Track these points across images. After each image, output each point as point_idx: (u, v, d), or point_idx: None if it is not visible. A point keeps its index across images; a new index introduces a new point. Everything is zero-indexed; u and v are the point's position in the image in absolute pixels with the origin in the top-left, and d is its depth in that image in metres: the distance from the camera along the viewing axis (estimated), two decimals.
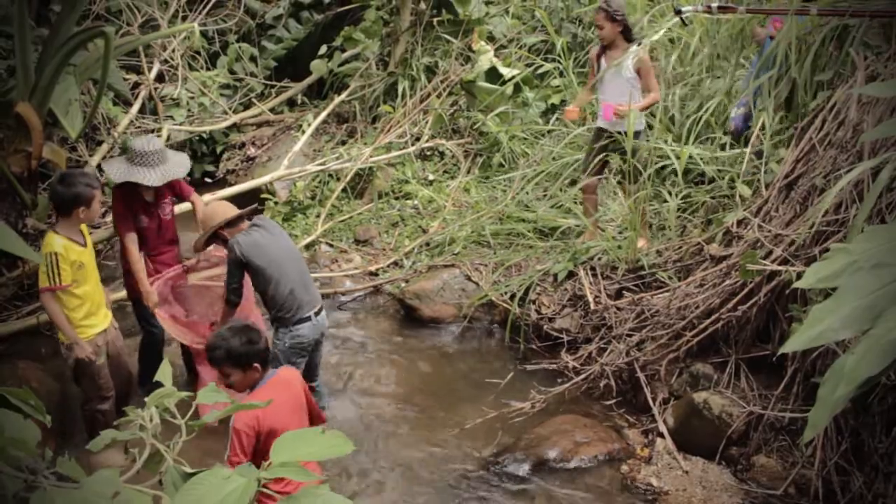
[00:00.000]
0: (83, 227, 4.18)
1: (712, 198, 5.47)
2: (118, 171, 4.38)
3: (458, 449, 4.66)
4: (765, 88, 5.19)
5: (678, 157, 5.33)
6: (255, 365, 3.31)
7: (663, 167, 5.64)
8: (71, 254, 4.05)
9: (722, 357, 4.64)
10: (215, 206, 4.54)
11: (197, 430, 1.86)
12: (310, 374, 4.64)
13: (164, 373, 2.18)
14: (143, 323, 4.76)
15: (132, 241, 4.48)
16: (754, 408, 4.37)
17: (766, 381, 4.50)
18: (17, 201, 4.88)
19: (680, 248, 5.33)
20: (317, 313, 4.47)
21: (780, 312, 4.31)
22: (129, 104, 7.51)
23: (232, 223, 4.39)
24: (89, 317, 4.23)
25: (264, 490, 1.52)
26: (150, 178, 4.37)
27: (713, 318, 4.52)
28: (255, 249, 4.30)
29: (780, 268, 4.07)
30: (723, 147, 5.52)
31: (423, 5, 7.85)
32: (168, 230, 4.79)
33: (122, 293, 5.15)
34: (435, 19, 7.91)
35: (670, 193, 5.43)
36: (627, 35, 5.43)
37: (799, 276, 4.01)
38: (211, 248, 4.65)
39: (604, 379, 4.98)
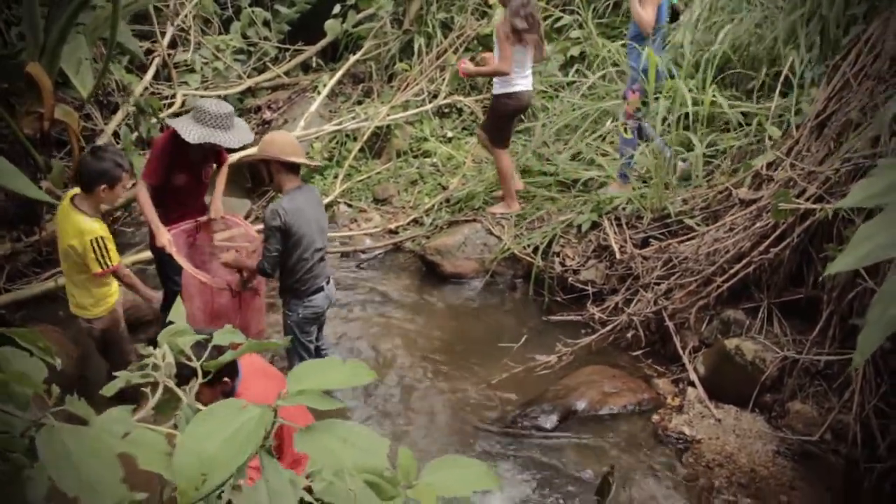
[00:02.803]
0: None
1: (739, 147, 5.30)
2: (195, 132, 4.17)
3: (484, 402, 4.58)
4: (797, 28, 5.00)
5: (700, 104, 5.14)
6: (225, 380, 3.02)
7: (685, 115, 5.46)
8: (108, 230, 3.94)
9: (754, 302, 4.52)
10: (278, 135, 4.22)
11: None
12: (316, 336, 4.59)
13: (178, 312, 2.10)
14: (167, 282, 4.68)
15: (145, 188, 4.35)
16: (788, 353, 4.24)
17: (800, 325, 4.37)
18: (30, 164, 4.83)
19: (707, 195, 5.18)
20: (328, 282, 4.40)
21: (815, 253, 4.16)
22: (143, 69, 7.43)
23: (286, 166, 4.14)
24: (111, 285, 4.16)
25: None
26: (229, 140, 4.24)
27: (744, 262, 4.38)
28: (298, 217, 4.09)
29: (814, 206, 3.92)
30: (749, 93, 5.32)
31: None
32: (202, 193, 4.70)
33: (145, 254, 5.10)
34: None
35: (696, 141, 5.24)
36: None
37: (835, 213, 3.87)
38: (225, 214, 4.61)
39: (631, 329, 4.88)
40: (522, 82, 5.67)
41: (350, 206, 6.87)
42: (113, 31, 4.39)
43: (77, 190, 3.93)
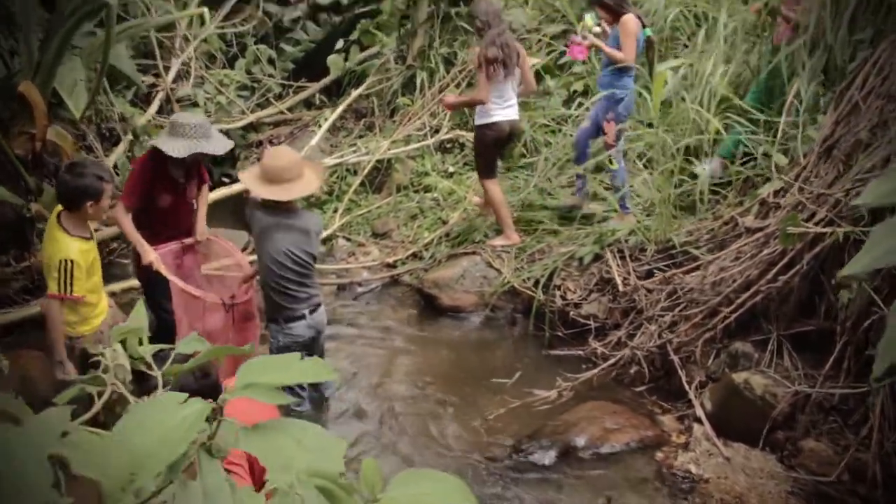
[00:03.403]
0: None
1: (745, 179, 5.16)
2: (179, 146, 4.07)
3: (480, 437, 4.35)
4: (798, 57, 4.91)
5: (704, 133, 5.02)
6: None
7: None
8: (87, 257, 3.76)
9: (762, 334, 4.31)
10: (288, 157, 4.10)
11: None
12: None
13: (139, 314, 1.94)
14: (156, 310, 4.49)
15: (123, 209, 4.21)
16: (800, 387, 4.01)
17: (813, 358, 4.15)
18: (21, 185, 4.72)
19: (713, 227, 5.02)
20: (311, 311, 4.25)
21: (826, 281, 3.97)
22: (147, 102, 7.41)
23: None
24: (97, 305, 3.99)
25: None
26: (213, 147, 4.17)
27: (751, 291, 4.19)
28: (264, 234, 4.08)
29: (824, 230, 3.74)
30: (753, 123, 5.20)
31: None
32: (189, 214, 4.55)
33: (133, 281, 4.96)
34: (453, 10, 7.72)
35: (700, 171, 5.10)
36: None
37: (846, 237, 3.69)
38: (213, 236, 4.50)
39: (634, 364, 4.68)
40: (502, 112, 5.63)
41: (349, 239, 6.75)
42: (105, 52, 4.34)
43: (61, 208, 3.80)
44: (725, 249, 4.48)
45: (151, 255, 4.17)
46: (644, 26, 5.46)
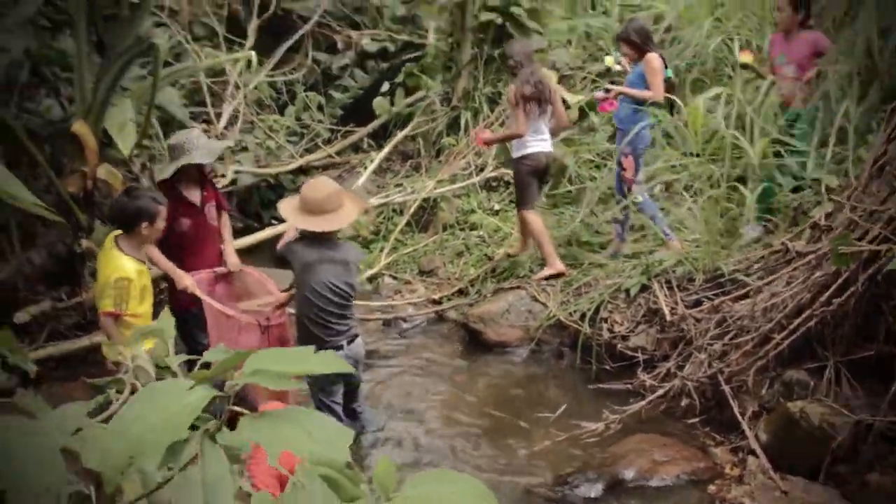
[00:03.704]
0: None
1: (796, 206, 5.02)
2: (165, 170, 4.28)
3: (525, 470, 4.24)
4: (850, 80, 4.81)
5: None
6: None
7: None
8: (141, 279, 3.88)
9: (818, 361, 4.11)
10: (328, 188, 4.13)
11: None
12: (348, 397, 4.41)
13: (166, 319, 1.96)
14: (190, 343, 4.54)
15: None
16: (861, 417, 3.81)
17: (874, 385, 3.93)
18: (73, 222, 4.88)
19: (762, 256, 4.88)
20: (349, 342, 4.24)
21: (884, 302, 3.79)
22: None
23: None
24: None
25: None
26: (195, 157, 4.28)
27: (804, 315, 4.02)
28: (304, 267, 4.10)
29: (879, 247, 3.59)
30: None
31: (483, 39, 7.78)
32: (213, 238, 4.59)
33: None
34: (496, 51, 7.82)
35: (749, 197, 4.98)
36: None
37: None
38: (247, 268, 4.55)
39: (685, 396, 4.51)
40: (537, 144, 5.81)
41: (395, 278, 6.76)
42: (153, 92, 4.51)
43: (118, 231, 3.93)
44: (776, 276, 4.32)
45: (186, 279, 4.23)
46: (665, 67, 5.57)
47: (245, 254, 5.75)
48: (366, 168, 7.71)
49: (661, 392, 4.48)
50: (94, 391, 1.75)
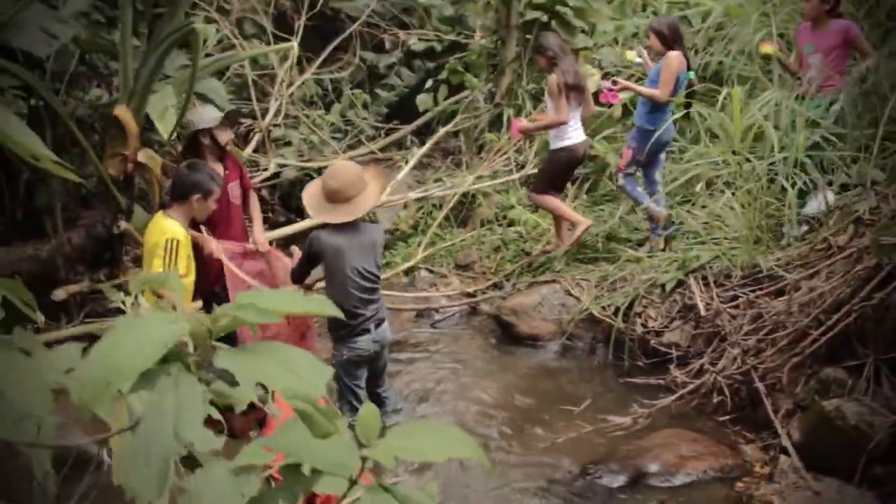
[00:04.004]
0: None
1: (841, 207, 4.83)
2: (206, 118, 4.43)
3: (548, 460, 4.17)
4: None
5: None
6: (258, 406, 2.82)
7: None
8: (187, 246, 3.96)
9: (857, 359, 3.95)
10: (349, 171, 4.08)
11: None
12: (373, 381, 4.39)
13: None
14: None
15: None
16: None
17: None
18: (112, 205, 5.00)
19: (804, 252, 4.71)
20: (377, 326, 4.22)
21: None
22: (242, 138, 7.77)
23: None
24: (188, 299, 4.15)
25: None
26: (198, 123, 4.40)
27: (843, 311, 3.88)
28: (333, 252, 4.07)
29: None
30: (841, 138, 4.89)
31: (528, 37, 7.74)
32: (237, 218, 4.61)
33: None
34: None
35: (789, 191, 4.82)
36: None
37: None
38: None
39: (717, 394, 4.38)
40: (575, 135, 5.88)
41: (431, 271, 6.75)
42: (192, 75, 4.58)
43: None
44: (815, 269, 4.18)
45: (212, 243, 4.22)
46: (689, 68, 5.61)
47: (283, 245, 5.80)
48: (407, 163, 7.73)
49: (691, 387, 4.37)
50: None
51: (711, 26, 6.82)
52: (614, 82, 5.88)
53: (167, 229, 3.91)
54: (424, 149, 7.83)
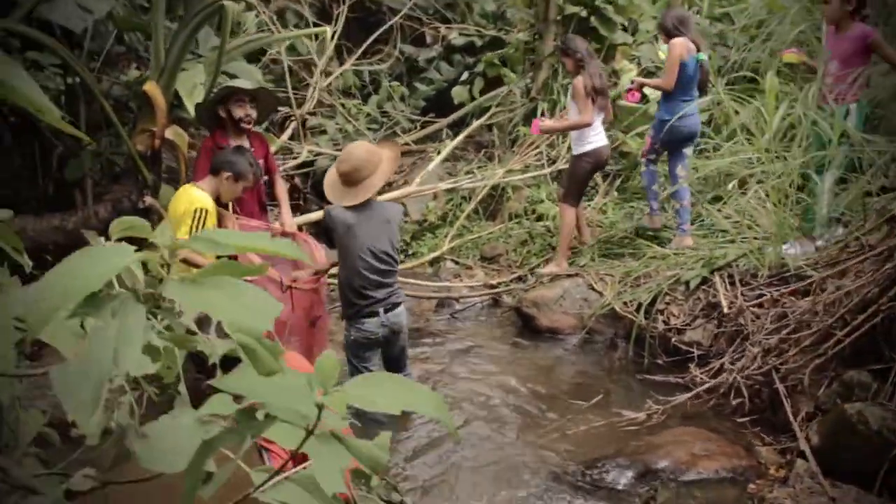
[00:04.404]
0: None
1: (881, 208, 4.63)
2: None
3: (556, 453, 4.07)
4: None
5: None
6: None
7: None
8: (214, 216, 4.05)
9: (883, 362, 3.78)
10: (361, 150, 4.12)
11: None
12: (393, 366, 4.37)
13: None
14: None
15: None
16: None
17: None
18: (139, 180, 5.06)
19: (833, 253, 4.53)
20: (387, 310, 4.17)
21: None
22: (278, 126, 7.84)
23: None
24: None
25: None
26: (223, 91, 4.47)
27: (870, 311, 3.71)
28: (345, 230, 4.09)
29: None
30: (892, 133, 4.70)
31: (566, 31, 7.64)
32: (260, 202, 4.68)
33: None
34: None
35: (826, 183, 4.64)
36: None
37: None
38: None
39: (736, 394, 4.24)
40: (597, 139, 5.82)
41: (457, 262, 6.71)
42: (220, 53, 4.62)
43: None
44: (842, 267, 4.01)
45: (230, 220, 4.28)
46: (699, 51, 5.58)
47: (314, 232, 5.81)
48: (438, 152, 7.70)
49: (708, 385, 4.24)
50: None
51: (751, 24, 6.64)
52: (632, 81, 5.94)
53: (196, 199, 3.99)
54: (457, 141, 7.79)
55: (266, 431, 1.28)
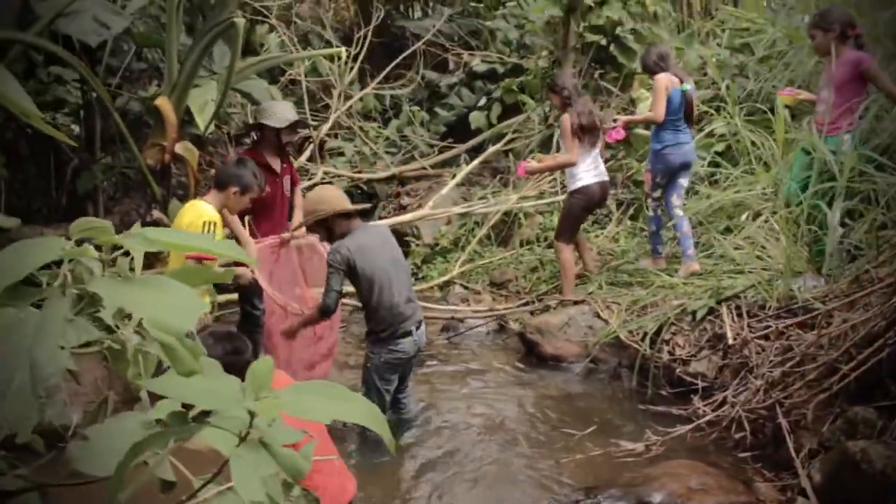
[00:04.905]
0: None
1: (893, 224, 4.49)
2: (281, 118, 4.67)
3: (549, 481, 3.97)
4: None
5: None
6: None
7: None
8: (221, 228, 4.12)
9: (890, 399, 3.64)
10: (326, 190, 4.32)
11: None
12: (399, 386, 4.35)
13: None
14: (244, 304, 4.74)
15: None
16: None
17: None
18: (147, 194, 5.11)
19: (843, 287, 4.40)
20: (418, 327, 4.20)
21: None
22: (296, 148, 7.89)
23: (342, 215, 4.17)
24: (208, 292, 4.24)
25: None
26: (272, 121, 4.66)
27: (876, 345, 3.58)
28: (361, 254, 4.05)
29: None
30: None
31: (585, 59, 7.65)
32: (286, 206, 4.86)
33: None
34: (597, 72, 7.66)
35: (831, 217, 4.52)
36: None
37: None
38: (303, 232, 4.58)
39: (739, 429, 4.11)
40: (588, 176, 5.71)
41: (466, 287, 6.66)
42: (231, 69, 4.67)
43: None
44: (850, 298, 3.89)
45: (253, 250, 4.43)
46: (682, 82, 5.65)
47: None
48: (453, 176, 7.69)
49: (709, 418, 4.11)
50: None
51: (770, 55, 6.57)
52: (614, 120, 5.93)
53: (203, 213, 4.03)
54: (472, 166, 7.79)
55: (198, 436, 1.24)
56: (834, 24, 4.67)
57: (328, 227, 4.18)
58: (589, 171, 5.68)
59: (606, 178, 5.86)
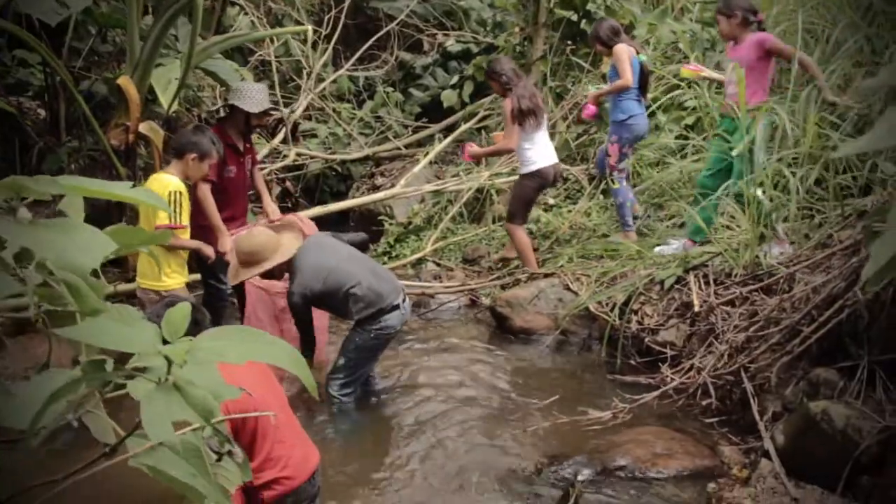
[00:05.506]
0: None
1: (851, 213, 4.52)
2: (254, 103, 4.67)
3: (515, 450, 3.99)
4: None
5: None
6: None
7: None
8: (186, 196, 4.19)
9: (851, 360, 3.66)
10: (257, 238, 4.02)
11: None
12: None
13: None
14: (210, 279, 4.73)
15: (208, 188, 4.51)
16: (893, 422, 3.34)
17: None
18: (113, 174, 5.05)
19: (808, 252, 4.42)
20: (403, 300, 4.25)
21: None
22: (270, 131, 7.84)
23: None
24: (182, 266, 4.30)
25: None
26: (246, 105, 4.67)
27: (836, 306, 3.60)
28: (314, 274, 4.03)
29: None
30: (859, 132, 4.59)
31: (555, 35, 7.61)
32: (246, 189, 4.92)
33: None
34: (569, 47, 7.63)
35: (793, 183, 4.53)
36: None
37: None
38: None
39: (705, 395, 4.13)
40: (541, 158, 5.70)
41: (438, 264, 6.64)
42: (191, 45, 4.59)
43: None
44: (811, 261, 3.91)
45: (229, 244, 4.43)
46: (638, 53, 5.73)
47: None
48: (426, 154, 7.66)
49: (675, 384, 4.13)
50: None
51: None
52: (584, 96, 6.03)
53: (168, 183, 4.08)
54: (444, 144, 7.76)
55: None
56: (736, 11, 4.91)
57: (271, 270, 4.12)
58: (541, 153, 5.66)
59: (557, 160, 5.87)
